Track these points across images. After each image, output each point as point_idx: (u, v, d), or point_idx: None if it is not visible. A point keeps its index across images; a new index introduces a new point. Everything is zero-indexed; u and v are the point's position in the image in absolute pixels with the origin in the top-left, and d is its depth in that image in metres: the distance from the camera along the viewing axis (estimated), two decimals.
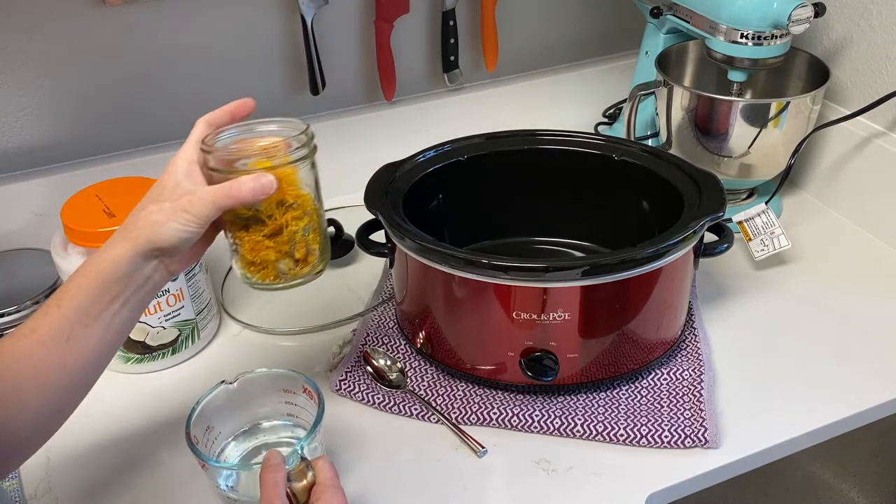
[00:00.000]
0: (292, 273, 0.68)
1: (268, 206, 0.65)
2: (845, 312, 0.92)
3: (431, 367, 0.85)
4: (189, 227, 0.62)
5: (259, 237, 0.66)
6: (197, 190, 0.63)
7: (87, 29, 0.98)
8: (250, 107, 0.70)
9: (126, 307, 0.63)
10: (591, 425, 0.78)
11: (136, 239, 0.62)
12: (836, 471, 1.03)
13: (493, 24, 1.17)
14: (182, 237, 0.62)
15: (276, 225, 0.66)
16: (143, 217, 0.63)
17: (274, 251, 0.67)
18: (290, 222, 0.66)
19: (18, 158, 1.02)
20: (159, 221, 0.62)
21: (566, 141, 0.93)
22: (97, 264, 0.62)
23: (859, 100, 1.03)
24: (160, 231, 0.62)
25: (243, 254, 0.67)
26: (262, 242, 0.66)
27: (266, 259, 0.67)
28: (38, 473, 0.77)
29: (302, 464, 0.64)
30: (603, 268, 0.74)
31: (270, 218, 0.65)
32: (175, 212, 0.62)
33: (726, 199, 0.81)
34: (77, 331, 0.61)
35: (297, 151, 0.66)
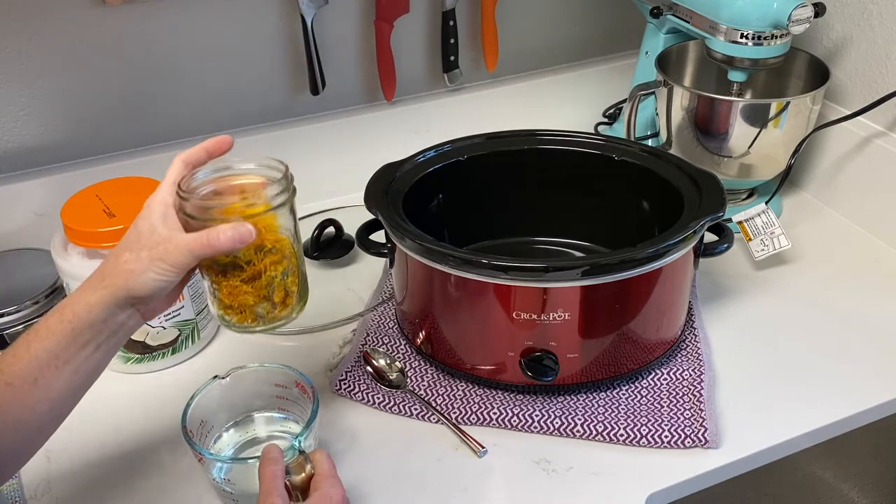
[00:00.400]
0: (270, 316, 0.67)
1: (246, 252, 0.64)
2: (845, 312, 0.92)
3: (431, 367, 0.85)
4: (166, 277, 0.61)
5: (237, 282, 0.65)
6: (173, 237, 0.61)
7: (87, 29, 0.98)
8: (228, 144, 0.68)
9: (98, 352, 0.62)
10: (591, 425, 0.78)
11: (113, 287, 0.61)
12: (836, 471, 1.03)
13: (493, 24, 1.17)
14: (159, 286, 0.61)
15: (255, 270, 0.65)
16: (119, 265, 0.61)
17: (252, 296, 0.66)
18: (269, 267, 0.65)
19: (18, 158, 1.02)
20: (136, 271, 0.61)
21: (566, 141, 0.93)
22: (70, 309, 0.61)
23: (859, 100, 1.03)
24: (137, 280, 0.61)
25: (221, 297, 0.66)
26: (240, 287, 0.65)
27: (244, 303, 0.66)
28: (39, 473, 0.77)
29: (300, 457, 0.64)
30: (603, 268, 0.74)
31: (249, 264, 0.64)
32: (152, 261, 0.61)
33: (726, 199, 0.81)
34: (45, 374, 0.60)
35: (276, 197, 0.64)
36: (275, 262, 0.65)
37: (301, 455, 0.64)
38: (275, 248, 0.65)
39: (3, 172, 1.02)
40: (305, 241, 1.02)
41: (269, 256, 0.65)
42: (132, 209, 0.83)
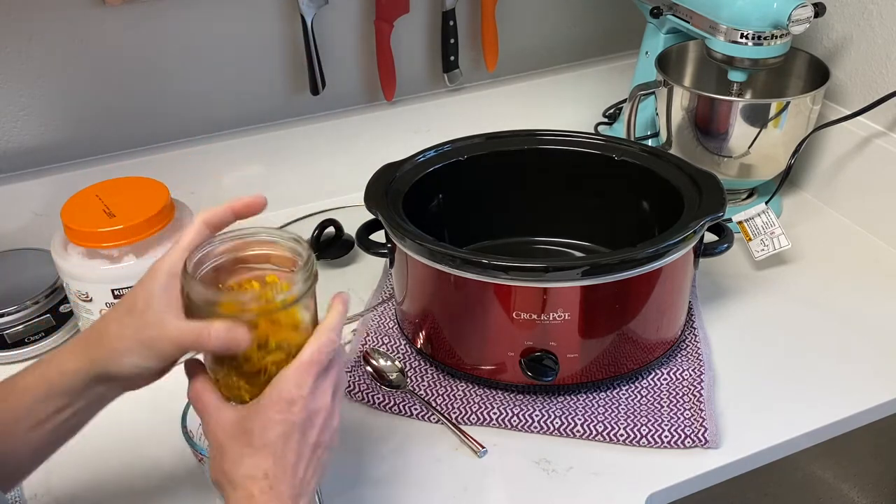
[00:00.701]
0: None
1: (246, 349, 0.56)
2: (845, 312, 0.92)
3: (431, 367, 0.85)
4: (148, 364, 0.57)
5: (233, 377, 0.58)
6: (165, 325, 0.56)
7: (87, 29, 0.98)
8: (260, 206, 0.61)
9: (74, 417, 0.59)
10: (591, 425, 0.78)
11: (93, 361, 0.57)
12: (836, 471, 1.03)
13: (493, 24, 1.17)
14: (139, 372, 0.57)
15: (254, 368, 0.58)
16: (103, 339, 0.57)
17: (248, 392, 0.58)
18: (270, 366, 0.57)
19: (18, 158, 1.02)
20: (118, 350, 0.57)
21: (566, 141, 0.93)
22: (48, 370, 0.58)
23: (859, 100, 1.03)
24: (118, 361, 0.57)
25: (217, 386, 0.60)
26: (236, 382, 0.58)
27: (238, 397, 0.59)
28: (38, 473, 0.76)
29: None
30: (603, 268, 0.74)
31: (248, 361, 0.57)
32: (136, 344, 0.56)
33: (726, 199, 0.81)
34: (13, 428, 0.58)
35: (292, 291, 0.57)
36: (278, 361, 0.57)
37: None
38: (280, 346, 0.57)
39: (3, 172, 1.02)
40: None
41: (273, 355, 0.57)
42: (132, 209, 0.83)
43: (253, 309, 0.56)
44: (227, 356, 0.57)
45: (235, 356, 0.57)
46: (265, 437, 0.55)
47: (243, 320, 0.55)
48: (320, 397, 0.57)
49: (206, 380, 0.59)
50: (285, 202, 1.12)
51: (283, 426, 0.55)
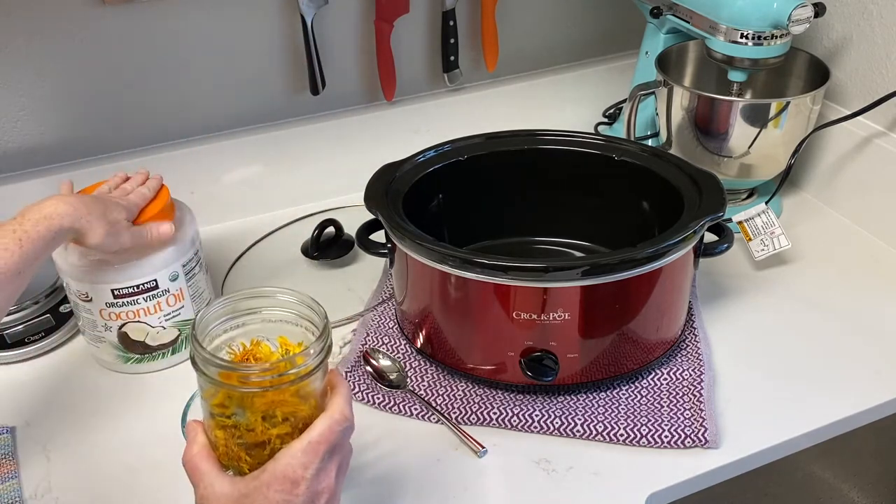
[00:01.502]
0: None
1: (251, 418, 0.54)
2: (845, 312, 0.92)
3: (431, 367, 0.85)
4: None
5: (234, 446, 0.55)
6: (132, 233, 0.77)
7: (87, 29, 0.98)
8: None
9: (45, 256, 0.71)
10: (591, 425, 0.78)
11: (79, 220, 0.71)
12: (836, 471, 1.03)
13: (493, 24, 1.17)
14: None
15: (258, 440, 0.55)
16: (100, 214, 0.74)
17: (248, 464, 0.56)
18: (275, 439, 0.55)
19: (18, 158, 1.02)
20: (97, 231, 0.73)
21: (566, 141, 0.93)
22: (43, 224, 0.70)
23: (859, 100, 1.03)
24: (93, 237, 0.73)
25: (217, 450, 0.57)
26: (237, 452, 0.56)
27: (238, 469, 0.56)
28: (38, 473, 0.77)
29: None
30: (603, 268, 0.74)
31: (251, 432, 0.54)
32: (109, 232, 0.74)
33: (726, 199, 0.81)
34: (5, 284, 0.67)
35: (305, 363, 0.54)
36: (283, 435, 0.55)
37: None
38: (287, 419, 0.55)
39: (3, 172, 1.02)
40: (305, 242, 1.02)
41: (279, 428, 0.55)
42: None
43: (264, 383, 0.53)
44: (229, 424, 0.55)
45: (237, 425, 0.54)
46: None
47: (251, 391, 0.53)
48: (325, 478, 0.55)
49: (206, 445, 0.56)
50: (285, 202, 1.13)
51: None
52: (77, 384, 0.87)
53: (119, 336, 0.84)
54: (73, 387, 0.87)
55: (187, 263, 0.85)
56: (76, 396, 0.85)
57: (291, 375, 0.53)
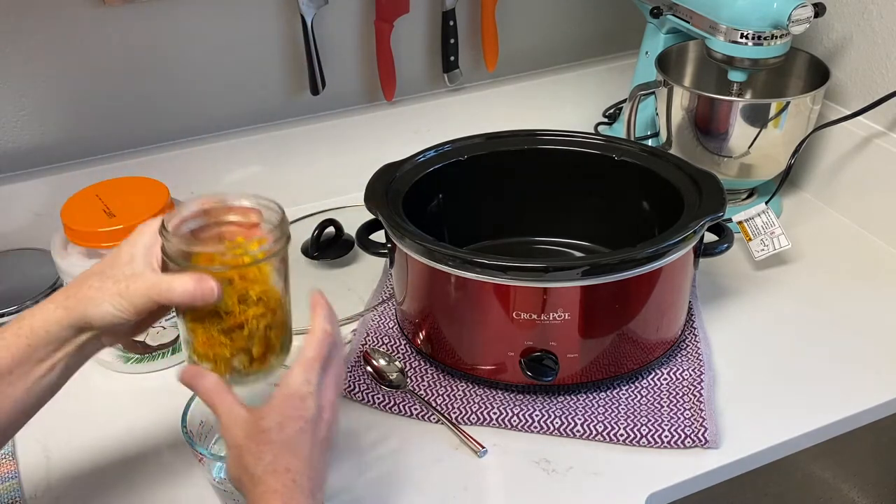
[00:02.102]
0: (246, 370, 0.62)
1: (227, 301, 0.58)
2: (845, 312, 0.92)
3: (431, 367, 0.85)
4: (122, 314, 0.58)
5: (214, 332, 0.60)
6: (141, 276, 0.59)
7: (87, 29, 0.98)
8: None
9: (53, 372, 0.60)
10: (591, 425, 0.78)
11: (71, 310, 0.59)
12: (836, 471, 1.03)
13: (493, 24, 1.17)
14: (114, 322, 0.59)
15: (235, 322, 0.59)
16: (83, 289, 0.59)
17: (229, 349, 0.60)
18: (251, 320, 0.59)
19: (18, 158, 1.02)
20: (96, 299, 0.58)
21: (566, 141, 0.93)
22: (28, 323, 0.59)
23: (859, 100, 1.03)
24: (94, 310, 0.58)
25: (195, 345, 0.61)
26: (217, 338, 0.60)
27: (220, 355, 0.61)
28: (38, 473, 0.77)
29: None
30: (603, 268, 0.74)
31: (229, 314, 0.59)
32: (112, 295, 0.58)
33: (726, 199, 0.81)
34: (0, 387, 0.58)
35: (268, 247, 0.59)
36: (258, 315, 0.60)
37: None
38: (261, 299, 0.59)
39: (3, 172, 1.02)
40: (305, 242, 1.02)
41: (254, 308, 0.59)
42: (132, 209, 0.83)
43: (225, 261, 0.58)
44: (208, 312, 0.59)
45: (218, 311, 0.59)
46: (283, 433, 0.57)
47: (216, 273, 0.57)
48: (326, 392, 0.60)
49: (218, 381, 0.60)
50: (285, 202, 1.11)
51: (299, 422, 0.58)
52: (77, 384, 0.86)
53: None
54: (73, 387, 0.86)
55: None
56: (76, 396, 0.85)
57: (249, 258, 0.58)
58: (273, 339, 0.62)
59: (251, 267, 0.59)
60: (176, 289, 0.57)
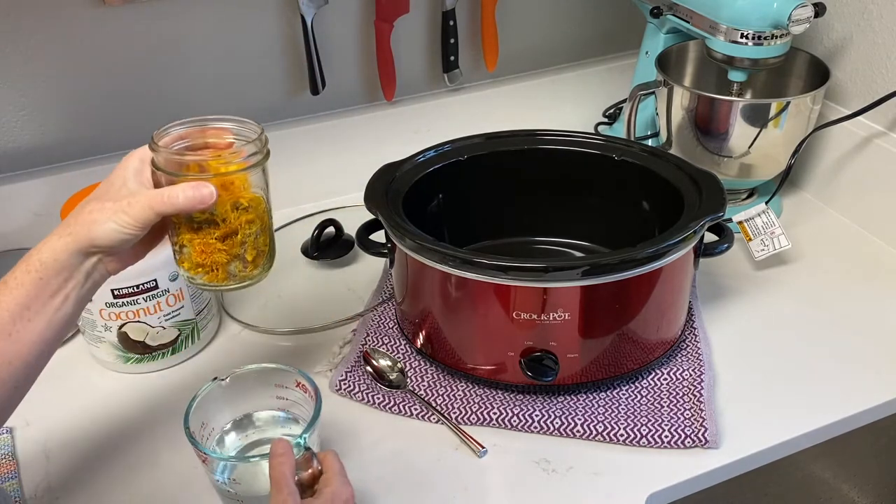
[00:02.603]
0: (242, 275, 0.68)
1: (221, 209, 0.64)
2: (845, 312, 0.92)
3: (431, 367, 0.85)
4: (126, 230, 0.61)
5: (211, 239, 0.66)
6: (139, 192, 0.62)
7: (87, 29, 0.98)
8: None
9: (68, 303, 0.63)
10: (591, 425, 0.78)
11: (76, 234, 0.62)
12: (836, 471, 1.03)
13: (493, 24, 1.17)
14: (119, 238, 0.62)
15: (230, 228, 0.65)
16: (84, 214, 0.62)
17: (225, 254, 0.66)
18: (244, 225, 0.66)
19: (18, 158, 1.02)
20: (98, 220, 0.61)
21: (566, 141, 0.93)
22: (37, 258, 0.62)
23: (859, 100, 1.03)
24: (98, 230, 0.61)
25: (192, 256, 0.66)
26: (214, 245, 0.66)
27: (217, 262, 0.66)
28: (38, 473, 0.77)
29: (307, 453, 0.63)
30: (603, 268, 0.74)
31: (224, 221, 0.65)
32: (114, 212, 0.61)
33: (726, 199, 0.81)
34: (19, 326, 0.61)
35: (252, 156, 0.65)
36: (250, 220, 0.66)
37: (307, 451, 0.64)
38: (250, 206, 0.66)
39: (3, 172, 1.02)
40: (305, 242, 1.03)
41: (245, 215, 0.66)
42: None
43: (220, 168, 0.63)
44: (205, 221, 0.64)
45: (214, 219, 0.64)
46: None
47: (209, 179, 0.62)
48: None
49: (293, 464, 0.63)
50: (285, 202, 1.12)
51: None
52: (77, 384, 0.87)
53: (119, 336, 0.84)
54: (73, 387, 0.87)
55: None
56: (76, 396, 0.85)
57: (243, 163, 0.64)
58: (262, 245, 0.68)
59: (238, 174, 0.64)
60: (179, 195, 0.61)
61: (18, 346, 0.61)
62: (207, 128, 0.68)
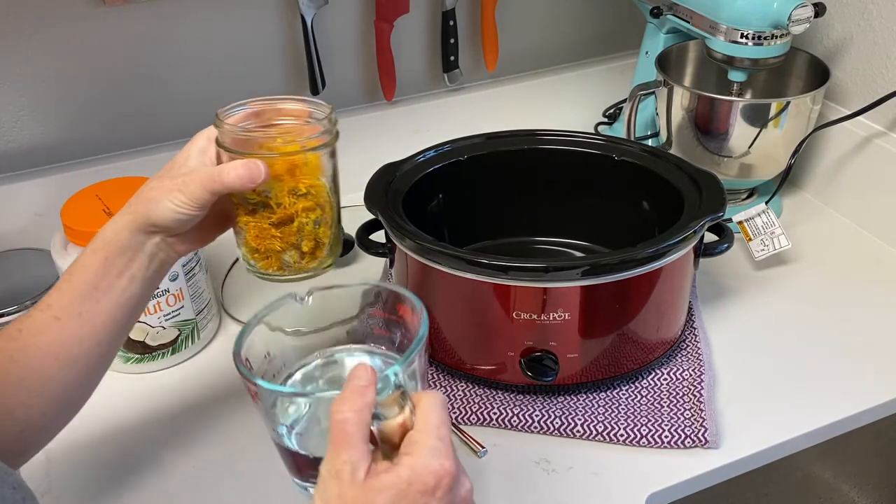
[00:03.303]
0: (297, 266, 0.65)
1: (279, 193, 0.61)
2: (845, 312, 0.92)
3: (431, 366, 0.85)
4: (181, 209, 0.60)
5: (265, 224, 0.63)
6: (196, 171, 0.61)
7: (87, 29, 0.98)
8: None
9: (134, 283, 0.62)
10: (591, 425, 0.78)
11: (135, 213, 0.61)
12: (836, 471, 1.03)
13: (493, 24, 1.17)
14: (175, 217, 0.61)
15: (285, 214, 0.62)
16: (144, 192, 0.62)
17: (280, 241, 0.63)
18: (301, 213, 0.62)
19: (18, 158, 1.02)
20: (155, 198, 0.61)
21: (566, 141, 0.93)
22: (101, 238, 0.62)
23: (859, 100, 1.03)
24: (155, 208, 0.61)
25: (248, 239, 0.64)
26: (268, 230, 0.63)
27: (270, 248, 0.64)
28: (38, 473, 0.77)
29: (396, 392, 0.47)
30: (603, 268, 0.74)
31: (279, 206, 0.62)
32: (170, 191, 0.60)
33: (726, 199, 0.81)
34: (88, 306, 0.61)
35: (315, 137, 0.61)
36: (308, 208, 0.62)
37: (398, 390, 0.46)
38: (310, 193, 0.62)
39: (3, 172, 1.02)
40: None
41: (303, 201, 0.62)
42: None
43: (281, 148, 0.60)
44: (260, 204, 0.61)
45: (269, 203, 0.61)
46: None
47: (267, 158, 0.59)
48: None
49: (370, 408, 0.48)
50: None
51: None
52: None
53: None
54: None
55: (187, 263, 0.85)
56: None
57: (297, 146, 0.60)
58: (321, 237, 0.64)
59: (300, 156, 0.61)
60: (228, 173, 0.59)
61: (89, 326, 0.61)
62: (276, 107, 0.65)
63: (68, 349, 0.61)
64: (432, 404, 0.47)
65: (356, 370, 0.48)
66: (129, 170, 0.99)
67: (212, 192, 0.60)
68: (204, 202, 0.61)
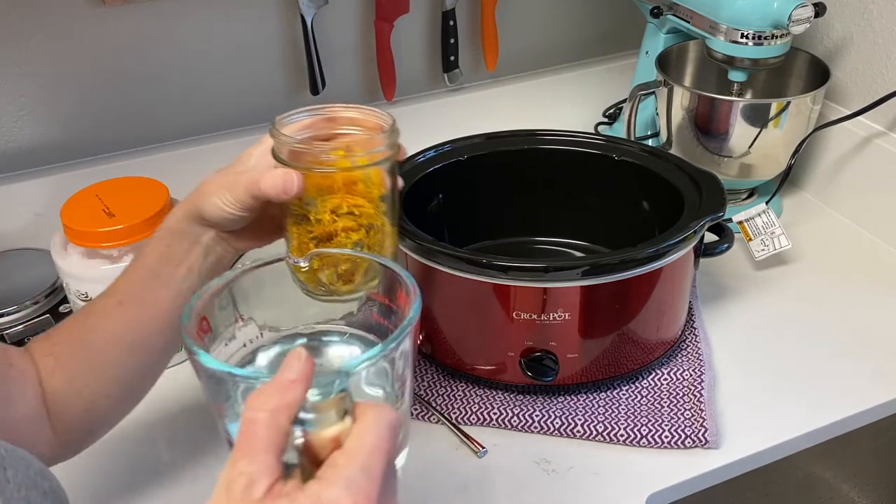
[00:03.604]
0: (331, 287, 0.59)
1: (320, 208, 0.59)
2: (845, 312, 0.92)
3: (431, 366, 0.85)
4: (227, 208, 0.60)
5: (305, 238, 0.61)
6: (249, 172, 0.61)
7: (87, 29, 0.98)
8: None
9: (192, 275, 0.62)
10: (591, 425, 0.78)
11: (192, 203, 0.62)
12: (836, 471, 1.03)
13: (493, 24, 1.17)
14: (221, 215, 0.61)
15: (324, 231, 0.60)
16: (204, 184, 0.63)
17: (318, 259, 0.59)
18: (341, 232, 0.59)
19: (18, 158, 1.02)
20: (207, 192, 0.61)
21: (566, 141, 0.93)
22: (165, 226, 0.63)
23: (859, 100, 1.03)
24: (206, 202, 0.61)
25: (291, 249, 0.63)
26: (308, 245, 0.61)
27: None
28: None
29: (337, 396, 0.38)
30: (603, 268, 0.74)
31: (319, 222, 0.59)
32: (221, 188, 0.61)
33: (726, 199, 0.81)
34: (149, 292, 0.62)
35: (367, 154, 0.58)
36: (349, 228, 0.59)
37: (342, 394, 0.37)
38: (353, 213, 0.59)
39: (3, 172, 1.02)
40: None
41: (344, 221, 0.59)
42: (132, 209, 0.83)
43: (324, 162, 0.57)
44: (302, 216, 0.60)
45: (309, 217, 0.59)
46: None
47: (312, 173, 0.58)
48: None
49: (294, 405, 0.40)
50: None
51: None
52: None
53: None
54: None
55: None
56: None
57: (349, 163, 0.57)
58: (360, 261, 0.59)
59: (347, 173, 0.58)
60: (266, 180, 0.58)
61: (150, 313, 0.62)
62: (336, 116, 0.63)
63: (131, 335, 0.62)
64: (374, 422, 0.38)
65: (289, 358, 0.39)
66: (128, 170, 0.99)
67: (253, 197, 0.60)
68: (247, 205, 0.60)
